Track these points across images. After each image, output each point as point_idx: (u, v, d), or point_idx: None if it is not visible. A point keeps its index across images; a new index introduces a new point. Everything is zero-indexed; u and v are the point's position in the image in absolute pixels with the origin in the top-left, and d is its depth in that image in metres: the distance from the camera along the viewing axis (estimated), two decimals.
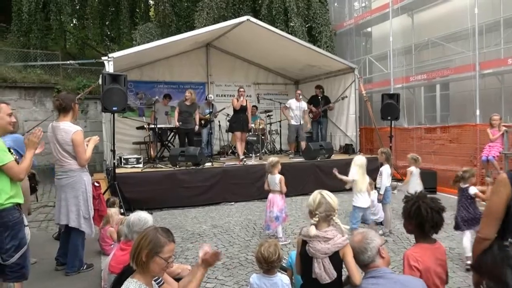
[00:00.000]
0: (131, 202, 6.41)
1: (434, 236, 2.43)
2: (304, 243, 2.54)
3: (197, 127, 8.49)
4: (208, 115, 9.24)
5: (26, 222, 3.09)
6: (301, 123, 9.11)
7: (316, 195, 2.57)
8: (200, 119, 8.73)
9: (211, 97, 8.87)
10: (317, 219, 2.50)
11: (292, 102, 9.19)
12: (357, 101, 9.75)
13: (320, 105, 9.70)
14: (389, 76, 10.39)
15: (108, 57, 7.15)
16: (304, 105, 9.22)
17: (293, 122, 9.17)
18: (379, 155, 5.43)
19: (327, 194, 2.57)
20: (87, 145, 4.13)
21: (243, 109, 8.35)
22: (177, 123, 8.18)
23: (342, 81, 10.17)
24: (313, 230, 2.48)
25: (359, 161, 4.90)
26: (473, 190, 4.19)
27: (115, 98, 6.25)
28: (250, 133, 9.49)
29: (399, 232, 5.32)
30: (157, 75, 10.35)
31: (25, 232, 3.04)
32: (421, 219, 2.36)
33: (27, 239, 3.04)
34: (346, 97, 9.85)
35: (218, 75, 11.04)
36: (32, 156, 3.07)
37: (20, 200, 3.00)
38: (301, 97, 9.20)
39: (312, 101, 10.12)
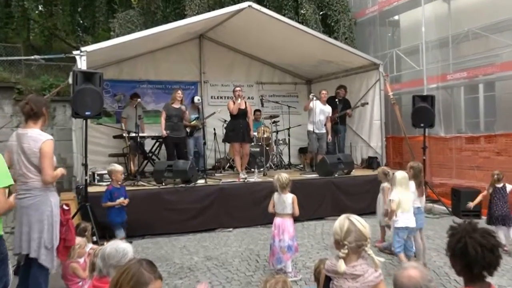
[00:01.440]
0: (106, 228, 6.39)
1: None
2: (327, 279, 2.51)
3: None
4: (194, 121, 9.28)
5: None
6: (324, 131, 9.11)
7: (343, 221, 2.52)
8: (185, 126, 8.82)
9: (198, 100, 8.97)
10: (346, 251, 2.47)
11: (318, 104, 9.07)
12: (382, 105, 9.77)
13: (337, 109, 9.71)
14: (422, 74, 10.38)
15: (81, 51, 7.19)
16: (328, 109, 9.23)
17: (312, 128, 9.07)
18: (407, 170, 5.45)
19: (356, 219, 2.53)
20: (56, 168, 4.12)
21: (242, 113, 8.38)
22: (164, 132, 8.19)
23: (364, 80, 10.21)
24: (342, 266, 2.44)
25: (400, 176, 4.99)
26: (509, 187, 5.95)
27: (89, 100, 6.28)
28: (252, 144, 9.50)
29: (436, 266, 5.27)
30: (139, 73, 10.44)
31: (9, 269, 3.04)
32: (469, 259, 2.24)
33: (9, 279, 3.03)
34: (367, 103, 9.89)
35: (213, 72, 11.13)
36: None
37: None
38: (314, 98, 9.21)
39: (328, 104, 10.17)
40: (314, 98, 9.04)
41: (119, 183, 6.16)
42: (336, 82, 10.75)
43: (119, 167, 6.22)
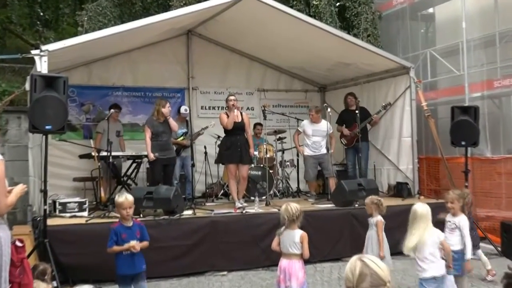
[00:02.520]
0: (69, 270, 6.36)
1: None
2: None
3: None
4: (182, 137, 9.31)
5: None
6: (326, 151, 9.27)
7: (354, 264, 2.51)
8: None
9: (186, 110, 8.98)
10: None
11: (306, 124, 9.57)
12: (413, 117, 9.82)
13: (357, 122, 9.76)
14: (462, 80, 10.40)
15: (41, 50, 7.22)
16: (324, 126, 9.46)
17: (309, 152, 9.48)
18: (446, 199, 5.46)
19: (371, 260, 2.51)
20: (9, 191, 4.13)
21: (239, 127, 8.43)
22: (152, 155, 8.19)
23: (391, 87, 10.29)
24: None
25: (420, 210, 4.89)
26: None
27: (50, 111, 6.33)
28: (252, 166, 9.52)
29: None
30: (113, 77, 10.54)
31: None
32: None
33: None
34: (390, 104, 10.00)
35: (204, 77, 11.24)
36: None
37: None
38: (328, 110, 9.32)
39: (344, 118, 10.25)
40: (328, 109, 9.14)
41: (130, 217, 5.46)
42: (356, 89, 10.83)
43: (129, 198, 5.40)
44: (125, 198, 5.33)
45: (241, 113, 8.57)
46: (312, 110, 9.71)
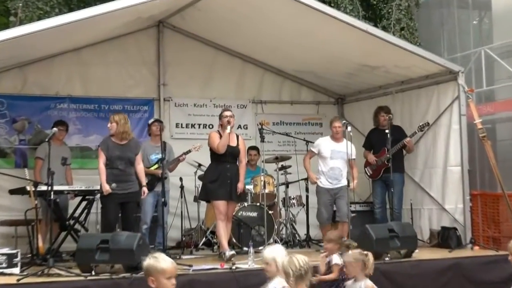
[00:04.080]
0: None
1: None
2: None
3: (145, 192, 8.55)
4: (156, 164, 9.29)
5: None
6: (345, 183, 9.23)
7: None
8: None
9: (152, 120, 8.91)
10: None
11: (323, 143, 9.50)
12: (464, 139, 9.82)
13: (386, 147, 9.77)
14: None
15: None
16: (347, 148, 9.33)
17: (324, 183, 9.40)
18: (510, 250, 5.47)
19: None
20: None
21: (232, 154, 8.46)
22: (107, 187, 8.15)
23: (433, 99, 10.32)
24: None
25: None
26: None
27: None
28: (245, 204, 9.54)
29: None
30: (56, 85, 10.58)
31: None
32: None
33: None
34: (428, 124, 9.99)
35: (180, 84, 11.32)
36: None
37: None
38: (348, 128, 9.28)
39: (373, 141, 10.27)
40: (348, 128, 9.11)
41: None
42: (385, 101, 10.88)
43: (164, 262, 4.71)
44: (170, 263, 4.96)
45: (236, 136, 8.61)
46: (336, 121, 9.59)
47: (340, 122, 9.47)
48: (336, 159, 9.37)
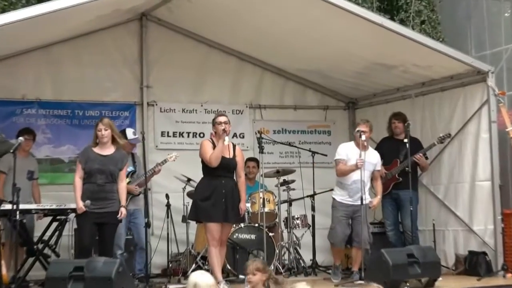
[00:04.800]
0: None
1: None
2: None
3: (122, 213, 8.44)
4: (128, 178, 9.20)
5: None
6: (365, 201, 9.13)
7: None
8: None
9: (134, 134, 8.84)
10: None
11: (350, 150, 9.35)
12: (494, 150, 9.81)
13: (399, 158, 9.73)
14: None
15: None
16: (375, 158, 9.45)
17: (343, 197, 9.33)
18: None
19: None
20: None
21: (228, 167, 8.41)
22: (81, 204, 8.07)
23: (459, 103, 10.30)
24: None
25: None
26: None
27: None
28: (242, 225, 9.53)
29: None
30: (22, 87, 10.56)
31: None
32: None
33: None
34: (449, 136, 9.98)
35: (167, 86, 11.34)
36: None
37: None
38: (362, 137, 9.18)
39: (384, 150, 10.23)
40: (362, 137, 9.05)
41: None
42: (404, 106, 10.89)
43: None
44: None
45: (233, 146, 8.56)
46: (364, 124, 9.43)
47: (367, 127, 9.37)
48: (363, 168, 9.19)
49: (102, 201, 8.25)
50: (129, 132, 9.75)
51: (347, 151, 9.41)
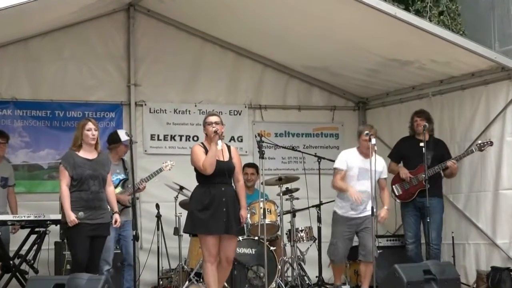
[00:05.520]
0: None
1: None
2: None
3: (117, 220, 8.44)
4: (119, 187, 9.28)
5: None
6: (367, 212, 9.22)
7: None
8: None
9: (128, 136, 8.94)
10: None
11: (351, 158, 9.47)
12: None
13: (424, 163, 9.79)
14: None
15: None
16: (381, 166, 9.44)
17: (345, 211, 9.43)
18: None
19: None
20: None
21: (225, 172, 8.28)
22: (73, 216, 7.88)
23: (481, 103, 10.35)
24: None
25: None
26: None
27: None
28: (240, 239, 9.47)
29: None
30: None
31: None
32: None
33: None
34: (490, 143, 9.80)
35: (157, 84, 11.42)
36: None
37: None
38: (372, 141, 9.15)
39: (403, 151, 10.34)
40: (372, 141, 9.08)
41: None
42: (419, 105, 10.90)
43: None
44: None
45: (228, 148, 8.48)
46: (367, 128, 9.53)
47: (370, 129, 9.34)
48: (364, 179, 9.26)
49: (96, 211, 8.12)
50: (122, 134, 9.44)
51: (347, 160, 9.50)
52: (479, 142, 9.88)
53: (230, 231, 8.18)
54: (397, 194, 10.24)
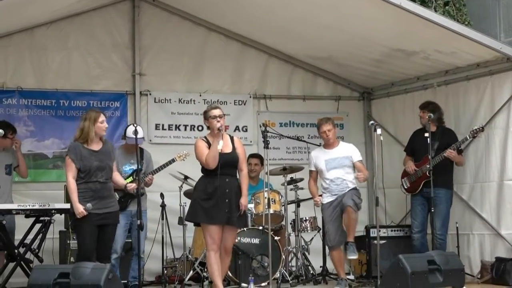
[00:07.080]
0: None
1: None
2: None
3: (132, 185, 8.54)
4: (131, 177, 9.31)
5: None
6: (350, 185, 9.40)
7: None
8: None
9: (140, 133, 8.90)
10: None
11: (316, 155, 9.71)
12: None
13: (429, 154, 9.76)
14: None
15: None
16: (349, 151, 9.62)
17: (327, 200, 9.56)
18: None
19: None
20: None
21: (229, 163, 8.35)
22: (81, 208, 7.88)
23: (486, 93, 10.33)
24: None
25: None
26: None
27: None
28: (244, 229, 9.56)
29: None
30: (2, 75, 10.65)
31: None
32: None
33: None
34: (482, 128, 9.84)
35: (161, 74, 11.41)
36: None
37: None
38: (378, 131, 9.15)
39: (414, 145, 10.37)
40: (377, 131, 9.08)
41: None
42: (424, 96, 10.93)
43: None
44: None
45: (231, 138, 8.49)
46: (324, 124, 9.66)
47: (329, 125, 9.59)
48: (333, 169, 9.48)
49: (104, 201, 8.13)
50: (130, 131, 9.19)
51: (313, 159, 9.78)
52: (473, 128, 9.90)
53: (231, 222, 8.27)
54: (405, 187, 10.34)
